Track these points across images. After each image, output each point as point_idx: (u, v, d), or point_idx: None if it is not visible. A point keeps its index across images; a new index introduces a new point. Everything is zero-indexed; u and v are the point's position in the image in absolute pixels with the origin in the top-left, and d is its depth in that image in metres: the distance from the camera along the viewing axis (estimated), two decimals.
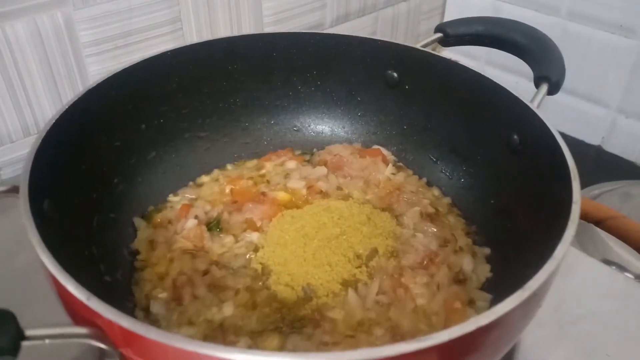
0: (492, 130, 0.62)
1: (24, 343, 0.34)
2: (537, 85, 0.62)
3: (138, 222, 0.63)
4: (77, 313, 0.39)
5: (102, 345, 0.37)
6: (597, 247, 0.90)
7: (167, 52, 0.65)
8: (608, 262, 0.90)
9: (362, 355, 0.32)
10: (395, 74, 0.71)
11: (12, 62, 0.73)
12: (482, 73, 0.63)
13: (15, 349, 0.33)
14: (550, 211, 0.49)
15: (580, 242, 0.89)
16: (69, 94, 0.80)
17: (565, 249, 0.42)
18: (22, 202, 0.44)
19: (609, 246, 0.90)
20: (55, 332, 0.36)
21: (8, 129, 0.78)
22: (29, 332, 0.34)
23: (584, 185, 0.48)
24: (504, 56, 0.72)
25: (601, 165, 1.13)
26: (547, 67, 0.62)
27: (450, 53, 1.13)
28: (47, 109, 0.79)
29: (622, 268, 0.89)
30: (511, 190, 0.60)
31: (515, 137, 0.59)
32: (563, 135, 0.52)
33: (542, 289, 0.40)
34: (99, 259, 0.55)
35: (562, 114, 1.13)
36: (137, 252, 0.60)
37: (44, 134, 0.51)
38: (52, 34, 0.75)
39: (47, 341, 0.35)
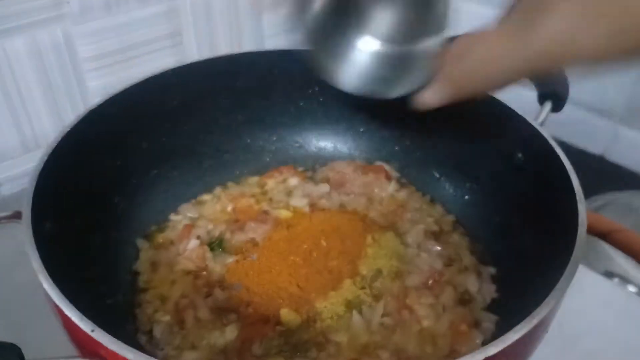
0: (495, 147, 0.62)
1: None
2: (541, 102, 0.62)
3: (140, 242, 0.63)
4: (81, 342, 0.39)
5: None
6: (600, 258, 0.90)
7: (168, 70, 0.65)
8: (611, 274, 0.89)
9: None
10: None
11: (11, 78, 0.73)
12: None
13: None
14: (556, 231, 0.49)
15: (584, 255, 0.89)
16: (69, 110, 0.80)
17: (572, 278, 0.42)
18: (25, 229, 0.44)
19: (613, 258, 0.90)
20: None
21: (8, 145, 0.77)
22: None
23: (586, 195, 0.48)
24: None
25: (604, 175, 1.12)
26: (551, 85, 0.62)
27: None
28: (46, 125, 0.79)
29: (625, 280, 0.89)
30: (515, 208, 0.60)
31: (520, 155, 0.59)
32: (565, 145, 0.51)
33: (548, 317, 0.40)
34: (101, 281, 0.55)
35: (564, 124, 1.12)
36: (139, 274, 0.60)
37: (45, 157, 0.51)
38: (51, 49, 0.75)
39: None
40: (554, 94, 0.61)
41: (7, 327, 0.38)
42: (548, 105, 0.61)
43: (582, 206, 0.47)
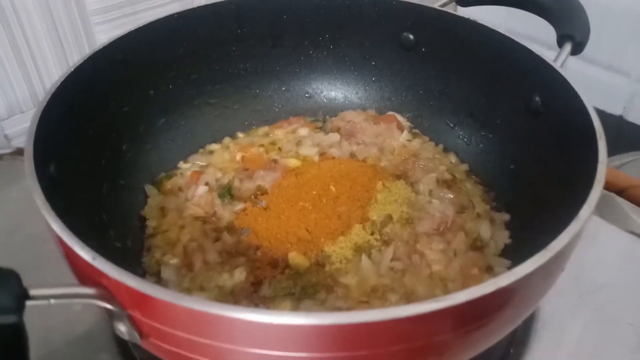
0: (512, 92, 0.60)
1: (29, 303, 0.33)
2: (561, 44, 0.60)
3: (149, 189, 0.62)
4: (83, 274, 0.38)
5: (108, 306, 0.36)
6: (617, 217, 0.88)
7: (174, 14, 0.63)
8: (629, 232, 0.87)
9: (377, 316, 0.31)
10: (411, 36, 0.68)
11: (20, 32, 0.72)
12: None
13: (19, 308, 0.32)
14: (574, 173, 0.47)
15: (601, 211, 0.87)
16: None
17: (590, 209, 0.40)
18: (27, 162, 0.43)
19: (630, 216, 0.88)
20: (60, 292, 0.35)
21: (18, 99, 0.77)
22: (33, 292, 0.33)
23: None
24: (523, 23, 0.68)
25: (622, 135, 1.10)
26: (571, 26, 0.59)
27: None
28: (55, 78, 0.77)
29: None
30: (532, 154, 0.58)
31: (537, 98, 0.57)
32: None
33: (565, 251, 0.38)
34: (109, 225, 0.55)
35: (582, 84, 1.08)
36: (147, 219, 0.60)
37: (49, 95, 0.50)
38: (59, 1, 0.74)
39: (51, 301, 0.34)
40: (574, 35, 0.59)
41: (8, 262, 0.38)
42: (568, 47, 0.59)
43: (602, 143, 0.45)
